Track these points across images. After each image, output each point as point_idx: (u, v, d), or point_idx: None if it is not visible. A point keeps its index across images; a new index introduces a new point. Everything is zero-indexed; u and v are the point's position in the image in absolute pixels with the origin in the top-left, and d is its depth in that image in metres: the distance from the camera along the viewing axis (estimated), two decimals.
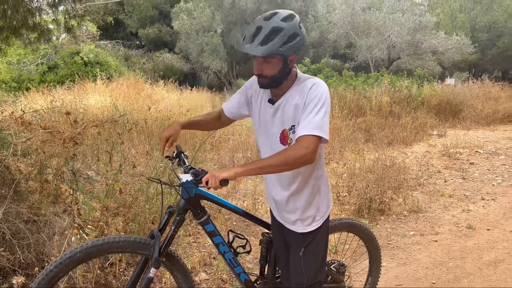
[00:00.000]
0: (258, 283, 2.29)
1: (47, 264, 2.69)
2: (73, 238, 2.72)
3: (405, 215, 4.70)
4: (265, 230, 2.29)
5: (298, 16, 1.77)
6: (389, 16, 20.11)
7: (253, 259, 3.45)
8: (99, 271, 2.82)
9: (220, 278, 3.18)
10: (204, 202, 2.04)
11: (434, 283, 3.23)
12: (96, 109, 8.15)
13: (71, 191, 3.44)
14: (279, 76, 1.77)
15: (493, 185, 5.88)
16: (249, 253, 2.19)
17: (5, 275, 2.62)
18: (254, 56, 1.72)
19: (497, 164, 7.11)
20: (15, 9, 5.05)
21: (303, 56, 18.32)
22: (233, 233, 2.18)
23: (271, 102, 1.87)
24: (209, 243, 3.65)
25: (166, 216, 1.95)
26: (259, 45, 1.66)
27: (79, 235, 2.78)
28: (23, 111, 3.78)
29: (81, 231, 2.86)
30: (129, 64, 20.99)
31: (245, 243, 2.17)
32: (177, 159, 2.15)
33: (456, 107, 12.40)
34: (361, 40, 20.67)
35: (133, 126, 5.86)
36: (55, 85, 11.86)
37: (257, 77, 1.81)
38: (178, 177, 1.94)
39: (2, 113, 4.39)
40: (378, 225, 4.42)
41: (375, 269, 2.69)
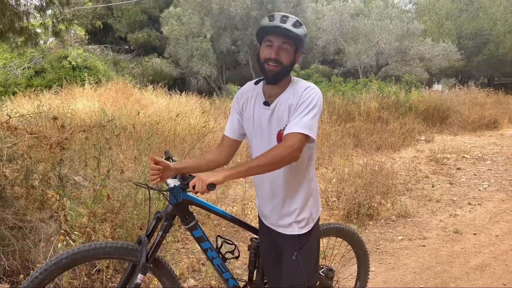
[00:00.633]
0: None
1: (32, 271, 2.64)
2: (59, 244, 2.69)
3: (393, 220, 4.73)
4: (253, 235, 2.29)
5: None
6: (377, 22, 20.36)
7: (242, 265, 3.44)
8: (86, 278, 2.78)
9: (209, 284, 3.16)
10: (193, 207, 2.03)
11: (422, 287, 3.25)
12: (84, 114, 8.07)
13: (58, 197, 3.39)
14: (288, 68, 1.82)
15: (480, 190, 5.96)
16: (237, 258, 2.19)
17: None
18: (280, 33, 1.76)
19: (483, 169, 7.21)
20: (2, 12, 5.00)
21: None
22: (221, 238, 2.17)
23: (267, 104, 1.89)
24: (198, 249, 3.63)
25: (154, 221, 1.94)
26: (292, 27, 1.75)
27: (65, 242, 2.74)
28: (9, 116, 3.73)
29: (68, 238, 2.82)
30: (118, 68, 20.86)
31: (233, 248, 2.17)
32: None
33: (443, 113, 12.56)
34: (349, 46, 20.87)
35: (121, 131, 5.82)
36: (42, 90, 11.71)
37: (271, 62, 1.79)
38: (165, 182, 1.93)
39: None
40: (366, 230, 4.44)
41: (363, 274, 2.69)
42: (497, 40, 25.26)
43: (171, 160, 2.14)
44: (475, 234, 4.33)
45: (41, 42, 12.75)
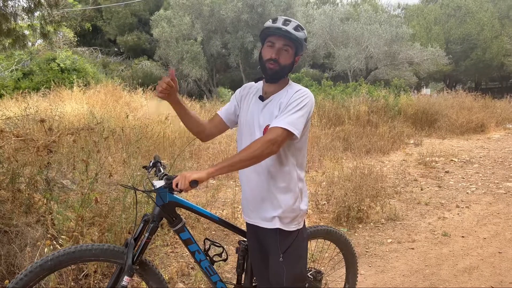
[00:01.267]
0: None
1: None
2: (46, 249, 2.65)
3: (382, 223, 4.76)
4: (241, 238, 2.28)
5: None
6: (367, 27, 20.54)
7: (232, 269, 3.43)
8: (73, 283, 2.74)
9: None
10: (182, 211, 2.02)
11: None
12: (72, 117, 7.99)
13: (45, 201, 3.34)
14: (287, 68, 1.92)
15: (467, 193, 6.02)
16: (225, 261, 2.18)
17: None
18: (282, 35, 1.86)
19: (471, 172, 7.29)
20: None
21: None
22: (209, 241, 2.16)
23: (261, 99, 1.99)
24: (187, 253, 3.60)
25: (141, 224, 1.93)
26: (294, 30, 1.85)
27: (52, 246, 2.70)
28: None
29: (55, 242, 2.78)
30: (107, 71, 20.72)
31: (221, 251, 2.16)
32: (154, 168, 2.13)
33: (431, 116, 12.69)
34: (339, 50, 21.02)
35: (110, 134, 5.76)
36: (30, 92, 11.57)
37: (271, 61, 1.89)
38: (152, 184, 1.93)
39: None
40: (356, 233, 4.46)
41: (352, 277, 2.70)
42: (484, 45, 25.66)
43: (159, 164, 2.14)
44: (463, 236, 4.37)
45: (29, 44, 12.62)
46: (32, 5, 5.85)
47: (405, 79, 19.80)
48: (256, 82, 2.07)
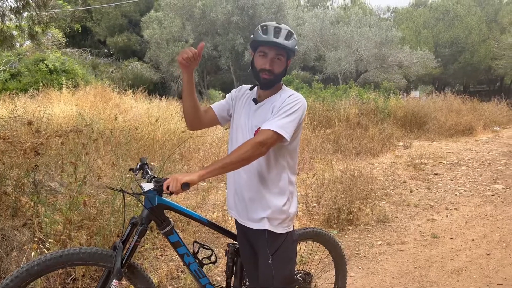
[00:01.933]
0: None
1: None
2: (33, 253, 2.61)
3: (372, 225, 4.78)
4: (231, 240, 2.27)
5: None
6: (357, 30, 20.67)
7: (222, 272, 3.41)
8: None
9: None
10: (172, 214, 2.00)
11: None
12: (61, 119, 7.91)
13: (32, 204, 3.30)
14: (280, 75, 1.95)
15: (456, 195, 6.08)
16: (214, 263, 2.17)
17: None
18: (274, 46, 1.87)
19: (459, 174, 7.36)
20: None
21: None
22: (198, 243, 2.15)
23: (255, 101, 2.02)
24: (177, 256, 3.57)
25: (129, 227, 1.91)
26: (285, 40, 1.87)
27: (39, 250, 2.66)
28: None
29: (42, 246, 2.74)
30: (97, 72, 20.55)
31: (210, 253, 2.15)
32: (141, 170, 2.11)
33: (421, 119, 12.81)
34: (330, 53, 21.11)
35: (99, 136, 5.71)
36: (17, 93, 11.43)
37: (265, 72, 1.91)
38: (140, 187, 1.91)
39: None
40: (346, 235, 4.47)
41: (341, 279, 2.70)
42: (472, 48, 25.99)
43: (146, 166, 2.12)
44: (451, 238, 4.41)
45: (17, 44, 12.47)
46: (20, 6, 5.78)
47: (395, 82, 20.02)
48: (251, 90, 2.09)
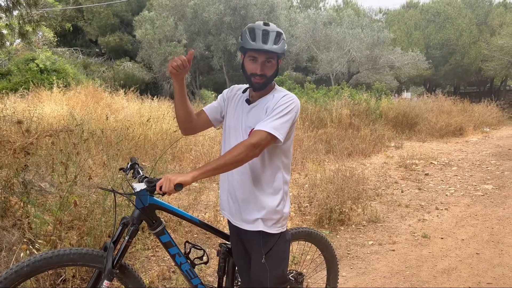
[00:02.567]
0: None
1: None
2: (22, 254, 2.58)
3: (364, 225, 4.80)
4: (223, 240, 2.26)
5: None
6: (349, 31, 20.76)
7: (214, 272, 3.40)
8: None
9: None
10: (163, 214, 1.99)
11: None
12: (52, 118, 7.83)
13: (22, 204, 3.26)
14: (272, 77, 1.94)
15: (447, 195, 6.13)
16: (206, 264, 2.16)
17: None
18: (264, 52, 1.85)
19: (450, 175, 7.43)
20: None
21: None
22: (189, 244, 2.14)
23: (248, 102, 2.01)
24: (168, 257, 3.55)
25: (120, 227, 1.90)
26: (274, 45, 1.85)
27: (28, 251, 2.64)
28: None
29: (31, 247, 2.71)
30: (88, 72, 20.38)
31: (202, 254, 2.14)
32: (131, 170, 2.09)
33: (412, 120, 12.91)
34: (322, 54, 21.18)
35: (90, 136, 5.67)
36: (7, 93, 11.31)
37: (257, 76, 1.89)
38: (132, 187, 1.90)
39: None
40: (338, 235, 4.48)
41: (332, 278, 2.71)
42: (462, 50, 26.21)
43: (137, 166, 2.11)
44: (442, 238, 4.44)
45: (7, 43, 12.33)
46: (10, 4, 5.72)
47: (386, 83, 20.14)
48: (244, 92, 2.07)
